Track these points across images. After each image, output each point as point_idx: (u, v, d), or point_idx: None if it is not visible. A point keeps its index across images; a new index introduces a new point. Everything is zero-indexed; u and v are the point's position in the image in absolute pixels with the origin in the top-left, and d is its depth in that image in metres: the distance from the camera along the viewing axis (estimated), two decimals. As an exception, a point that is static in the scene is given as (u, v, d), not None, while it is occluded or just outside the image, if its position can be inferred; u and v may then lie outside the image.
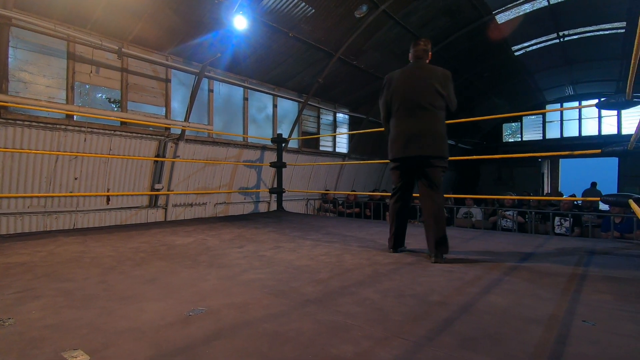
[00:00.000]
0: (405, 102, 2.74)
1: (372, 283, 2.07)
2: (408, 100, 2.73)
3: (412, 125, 2.71)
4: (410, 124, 2.72)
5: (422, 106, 2.69)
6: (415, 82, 2.74)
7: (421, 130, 2.68)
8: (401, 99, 2.76)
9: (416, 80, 2.75)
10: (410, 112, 2.72)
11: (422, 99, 2.69)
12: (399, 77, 2.81)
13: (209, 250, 3.00)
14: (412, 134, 2.69)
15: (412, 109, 2.71)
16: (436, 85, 2.69)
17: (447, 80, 2.73)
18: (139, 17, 4.81)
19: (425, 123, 2.70)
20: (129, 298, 1.77)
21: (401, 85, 2.77)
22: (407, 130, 2.72)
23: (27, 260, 2.57)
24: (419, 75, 2.76)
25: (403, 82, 2.78)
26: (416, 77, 2.76)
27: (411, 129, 2.70)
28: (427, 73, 2.75)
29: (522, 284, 2.04)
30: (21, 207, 4.45)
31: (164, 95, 5.68)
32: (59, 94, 4.63)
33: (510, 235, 4.20)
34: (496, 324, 1.49)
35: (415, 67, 2.83)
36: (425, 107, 2.69)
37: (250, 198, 7.41)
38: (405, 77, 2.79)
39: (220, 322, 1.47)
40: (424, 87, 2.71)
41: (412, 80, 2.76)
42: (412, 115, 2.72)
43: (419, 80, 2.74)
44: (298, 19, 6.01)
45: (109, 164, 5.14)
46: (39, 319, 1.49)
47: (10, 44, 4.14)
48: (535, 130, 15.27)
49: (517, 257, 2.81)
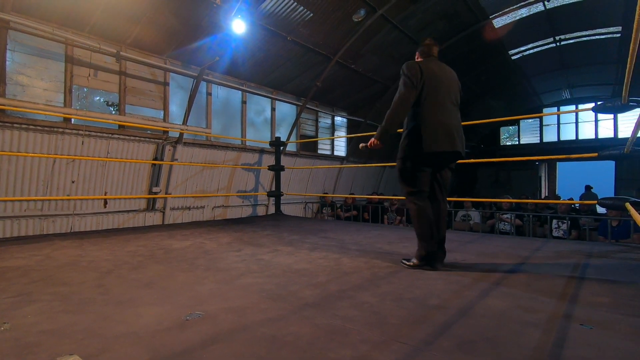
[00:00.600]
0: (442, 94, 2.52)
1: (371, 287, 2.07)
2: (444, 93, 2.53)
3: (451, 119, 2.53)
4: (449, 117, 2.52)
5: (453, 102, 2.59)
6: (448, 76, 2.61)
7: (457, 126, 2.55)
8: (437, 89, 2.51)
9: (448, 74, 2.62)
10: (446, 106, 2.54)
11: (454, 95, 2.60)
12: (431, 67, 2.55)
13: (207, 254, 2.99)
14: (453, 128, 2.51)
15: (447, 104, 2.54)
16: (458, 82, 2.67)
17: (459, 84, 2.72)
18: (137, 20, 4.81)
19: (458, 119, 2.59)
20: (126, 302, 1.76)
21: (436, 77, 2.53)
22: (445, 124, 2.49)
23: (23, 264, 2.55)
24: (448, 71, 2.64)
25: (437, 73, 2.55)
26: (446, 72, 2.62)
27: (452, 123, 2.52)
28: (452, 72, 2.67)
29: (519, 287, 2.04)
30: (18, 210, 4.43)
31: (162, 98, 5.68)
32: (57, 97, 4.63)
33: (508, 239, 4.20)
34: (494, 327, 1.49)
35: (438, 61, 2.66)
36: (455, 104, 2.61)
37: (248, 201, 7.40)
38: (437, 69, 2.57)
39: (217, 327, 1.46)
40: (454, 84, 2.63)
41: (444, 74, 2.60)
42: (448, 109, 2.54)
43: (449, 75, 2.63)
44: (296, 22, 6.03)
45: (107, 167, 5.12)
46: (35, 324, 1.48)
47: (8, 47, 4.13)
48: (533, 133, 15.34)
49: (514, 260, 2.81)
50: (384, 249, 3.23)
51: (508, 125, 15.79)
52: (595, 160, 6.16)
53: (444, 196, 2.64)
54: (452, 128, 2.50)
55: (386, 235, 4.17)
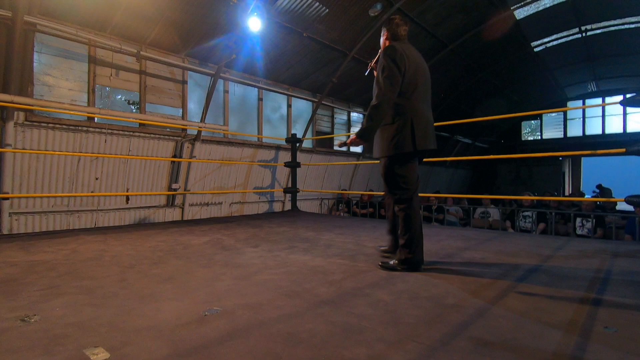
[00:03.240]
0: (421, 87, 2.35)
1: (386, 285, 2.06)
2: (423, 86, 2.38)
3: (430, 115, 2.41)
4: (428, 113, 2.40)
5: (429, 95, 2.47)
6: (423, 62, 2.43)
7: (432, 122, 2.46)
8: (417, 82, 2.32)
9: (422, 60, 2.44)
10: (426, 100, 2.40)
11: (429, 87, 2.46)
12: (411, 54, 2.35)
13: (225, 249, 3.05)
14: (432, 123, 2.41)
15: (426, 97, 2.41)
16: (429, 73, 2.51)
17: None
18: (156, 20, 4.91)
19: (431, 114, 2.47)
20: (147, 297, 1.82)
21: (416, 65, 2.34)
22: (429, 120, 2.39)
23: (51, 258, 2.67)
24: (420, 57, 2.45)
25: (417, 60, 2.37)
26: (421, 58, 2.43)
27: (431, 116, 2.41)
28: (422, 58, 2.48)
29: (540, 288, 2.00)
30: (45, 206, 4.61)
31: (181, 96, 5.78)
32: (81, 96, 4.78)
33: (529, 237, 4.10)
34: (513, 328, 1.46)
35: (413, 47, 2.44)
36: (430, 96, 2.48)
37: (264, 197, 7.47)
38: (415, 56, 2.38)
39: (234, 323, 1.49)
40: (428, 71, 2.47)
41: (421, 61, 2.41)
42: (427, 103, 2.41)
43: (423, 62, 2.45)
44: (312, 18, 6.01)
45: (128, 164, 5.27)
46: (62, 317, 1.55)
47: (35, 49, 4.29)
48: (556, 128, 14.85)
49: (535, 259, 2.74)
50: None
51: (530, 119, 15.33)
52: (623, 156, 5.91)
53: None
54: (432, 123, 2.42)
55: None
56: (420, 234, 2.36)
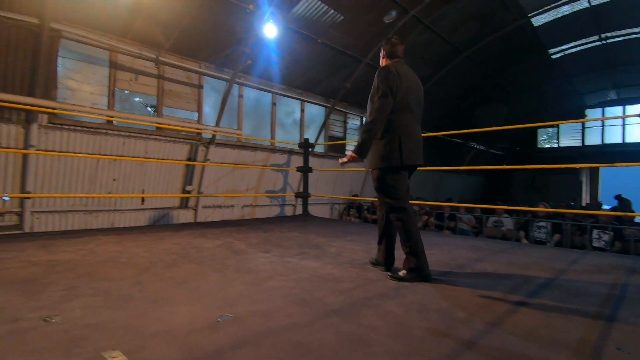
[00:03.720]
0: (414, 105, 2.49)
1: (396, 296, 2.07)
2: (416, 104, 2.52)
3: (419, 132, 2.54)
4: (418, 130, 2.53)
5: (420, 112, 2.61)
6: (416, 81, 2.56)
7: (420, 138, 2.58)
8: (408, 100, 2.44)
9: (416, 79, 2.57)
10: (416, 117, 2.52)
11: (421, 102, 2.59)
12: (405, 72, 2.47)
13: (236, 254, 3.10)
14: (420, 140, 2.55)
15: (417, 114, 2.53)
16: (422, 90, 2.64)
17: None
18: (175, 27, 5.04)
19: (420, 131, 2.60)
20: (162, 300, 1.87)
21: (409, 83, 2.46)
22: (418, 136, 2.51)
23: (70, 258, 2.76)
24: (414, 75, 2.58)
25: (409, 79, 2.48)
26: (414, 77, 2.56)
27: (420, 134, 2.54)
28: (417, 77, 2.60)
29: (551, 304, 1.97)
30: (65, 205, 4.77)
31: (197, 100, 5.90)
32: (102, 100, 4.94)
33: (542, 249, 4.04)
34: (522, 346, 1.45)
35: (407, 66, 2.57)
36: (421, 112, 2.61)
37: (276, 201, 7.54)
38: (409, 74, 2.50)
39: (246, 330, 1.53)
40: (421, 90, 2.61)
41: (414, 80, 2.54)
42: (417, 120, 2.54)
43: (417, 80, 2.58)
44: (327, 25, 6.07)
45: (145, 166, 5.40)
46: (81, 318, 1.61)
47: (60, 54, 4.45)
48: (574, 135, 14.55)
49: (548, 273, 2.71)
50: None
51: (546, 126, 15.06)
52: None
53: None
54: (421, 140, 2.53)
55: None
56: (420, 241, 2.40)
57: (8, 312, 1.64)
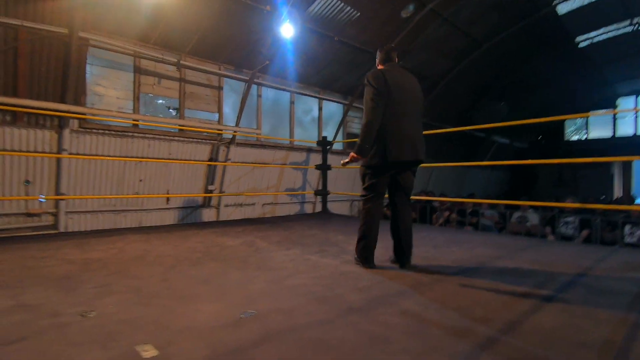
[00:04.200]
0: (405, 103, 2.61)
1: (414, 294, 2.08)
2: (408, 102, 2.62)
3: (414, 129, 2.64)
4: (412, 128, 2.63)
5: (416, 111, 2.69)
6: (411, 83, 2.70)
7: (419, 135, 2.67)
8: (401, 99, 2.58)
9: (411, 81, 2.71)
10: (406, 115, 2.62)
11: (416, 103, 2.69)
12: (395, 76, 2.61)
13: (258, 252, 3.18)
14: (416, 139, 2.63)
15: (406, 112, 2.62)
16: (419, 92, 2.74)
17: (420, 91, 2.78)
18: (194, 31, 5.16)
19: (419, 128, 2.70)
20: (187, 298, 1.96)
21: (399, 86, 2.59)
22: (407, 134, 2.59)
23: (102, 256, 2.91)
24: (410, 78, 2.72)
25: (400, 82, 2.61)
26: (409, 79, 2.70)
27: (415, 133, 2.63)
28: (412, 78, 2.74)
29: (576, 303, 1.94)
30: (96, 206, 5.00)
31: (217, 102, 6.04)
32: (127, 104, 5.14)
33: (569, 245, 3.93)
34: (543, 346, 1.44)
35: (401, 68, 2.75)
36: (418, 112, 2.70)
37: (296, 199, 7.62)
38: (400, 78, 2.64)
39: (268, 327, 1.59)
40: (417, 91, 2.71)
41: (408, 82, 2.68)
42: (411, 118, 2.64)
43: (412, 82, 2.71)
44: (343, 23, 6.06)
45: (169, 167, 5.59)
46: (115, 313, 1.72)
47: (88, 61, 4.66)
48: (604, 126, 13.89)
49: (574, 270, 2.64)
50: (429, 254, 3.19)
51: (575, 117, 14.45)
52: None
53: (405, 200, 2.71)
54: (416, 139, 2.60)
55: (434, 237, 4.10)
56: (373, 232, 2.64)
57: (49, 307, 1.77)
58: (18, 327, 1.54)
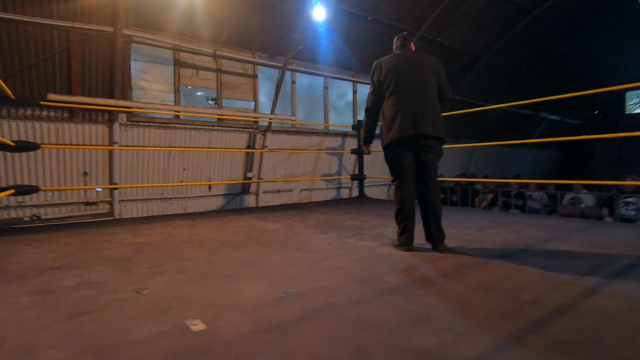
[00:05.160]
0: (406, 82, 2.65)
1: (456, 275, 2.03)
2: (410, 81, 2.65)
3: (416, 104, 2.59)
4: (411, 103, 2.60)
5: (422, 87, 2.65)
6: (416, 62, 2.71)
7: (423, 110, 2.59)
8: (400, 80, 2.65)
9: (417, 60, 2.73)
10: (410, 93, 2.63)
11: (423, 80, 2.66)
12: (395, 60, 2.73)
13: (296, 235, 3.24)
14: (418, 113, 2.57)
15: (412, 90, 2.63)
16: (429, 67, 2.69)
17: (437, 65, 2.75)
18: (228, 21, 5.24)
19: (425, 103, 2.62)
20: (232, 277, 2.05)
21: (399, 68, 2.68)
22: (409, 109, 2.58)
23: (153, 240, 3.12)
24: (410, 56, 2.76)
25: (401, 64, 2.70)
26: (408, 58, 2.74)
27: (416, 108, 2.58)
28: (417, 55, 2.79)
29: (637, 286, 1.79)
30: (145, 194, 5.33)
31: (252, 90, 6.13)
32: (169, 96, 5.36)
33: (629, 227, 3.61)
34: (600, 329, 1.35)
35: (404, 51, 2.84)
36: (424, 89, 2.65)
37: (332, 184, 7.63)
38: (404, 60, 2.73)
39: (308, 305, 1.62)
40: (426, 69, 2.68)
41: (412, 62, 2.71)
42: (412, 95, 2.62)
43: (419, 61, 2.72)
44: (377, 0, 5.86)
45: (210, 155, 5.80)
46: (166, 291, 1.84)
47: (132, 57, 4.91)
48: (673, 96, 12.45)
49: (635, 252, 2.43)
50: (472, 236, 3.08)
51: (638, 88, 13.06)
52: None
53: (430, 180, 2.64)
54: (416, 112, 2.55)
55: (476, 220, 3.95)
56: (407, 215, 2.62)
57: (110, 285, 1.93)
58: (85, 302, 1.70)
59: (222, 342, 1.30)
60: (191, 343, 1.30)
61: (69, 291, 1.85)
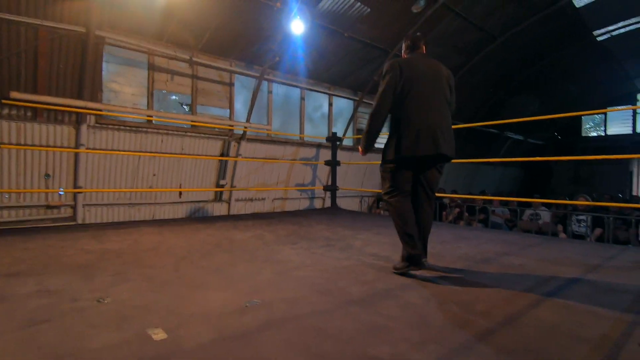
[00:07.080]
0: (426, 92, 2.38)
1: (417, 287, 2.13)
2: (429, 91, 2.40)
3: (436, 119, 2.37)
4: (433, 117, 2.36)
5: (441, 100, 2.43)
6: (435, 71, 2.47)
7: (443, 126, 2.38)
8: (420, 88, 2.37)
9: (435, 69, 2.47)
10: (430, 105, 2.38)
11: (441, 93, 2.44)
12: (413, 64, 2.44)
13: (266, 245, 3.26)
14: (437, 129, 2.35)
15: (431, 102, 2.39)
16: (446, 78, 2.50)
17: (451, 77, 2.54)
18: (206, 28, 5.25)
19: (444, 118, 2.41)
20: (197, 286, 2.05)
21: (419, 74, 2.40)
22: (432, 124, 2.34)
23: (118, 247, 3.04)
24: (435, 65, 2.49)
25: (421, 70, 2.42)
26: (433, 67, 2.48)
27: (436, 123, 2.36)
28: (436, 64, 2.51)
29: (578, 300, 1.95)
30: (112, 199, 5.17)
31: (228, 98, 6.13)
32: (142, 100, 5.27)
33: (579, 244, 3.89)
34: (540, 339, 1.47)
35: (422, 56, 2.53)
36: (443, 102, 2.44)
37: (305, 194, 7.69)
38: (422, 65, 2.44)
39: (272, 314, 1.66)
40: (443, 80, 2.47)
41: (430, 70, 2.45)
42: (433, 108, 2.38)
43: (437, 70, 2.48)
44: (354, 19, 6.06)
45: (181, 161, 5.72)
46: (129, 299, 1.81)
47: (104, 59, 4.80)
48: (623, 122, 13.51)
49: (581, 269, 2.63)
50: (435, 250, 3.21)
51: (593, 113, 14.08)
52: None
53: (429, 199, 2.52)
54: (437, 129, 2.33)
55: (442, 234, 4.11)
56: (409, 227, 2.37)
57: (69, 293, 1.88)
58: (42, 310, 1.65)
59: (183, 351, 1.31)
60: (152, 352, 1.30)
61: (26, 299, 1.79)
